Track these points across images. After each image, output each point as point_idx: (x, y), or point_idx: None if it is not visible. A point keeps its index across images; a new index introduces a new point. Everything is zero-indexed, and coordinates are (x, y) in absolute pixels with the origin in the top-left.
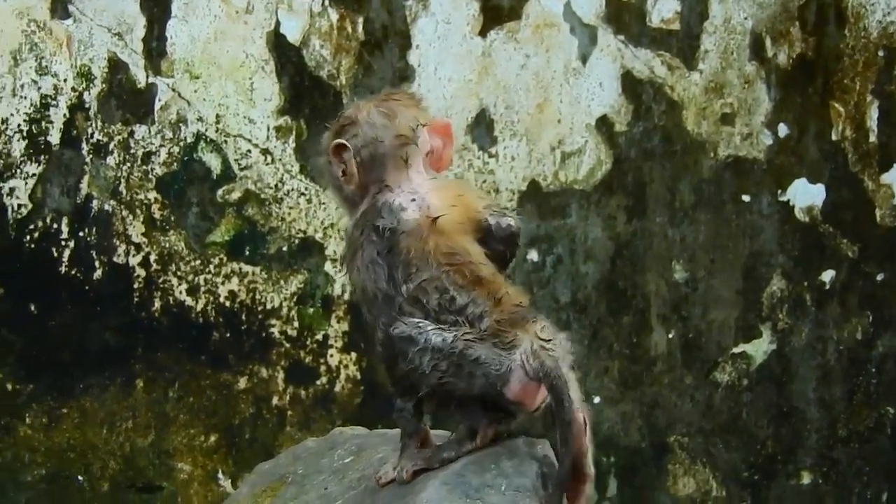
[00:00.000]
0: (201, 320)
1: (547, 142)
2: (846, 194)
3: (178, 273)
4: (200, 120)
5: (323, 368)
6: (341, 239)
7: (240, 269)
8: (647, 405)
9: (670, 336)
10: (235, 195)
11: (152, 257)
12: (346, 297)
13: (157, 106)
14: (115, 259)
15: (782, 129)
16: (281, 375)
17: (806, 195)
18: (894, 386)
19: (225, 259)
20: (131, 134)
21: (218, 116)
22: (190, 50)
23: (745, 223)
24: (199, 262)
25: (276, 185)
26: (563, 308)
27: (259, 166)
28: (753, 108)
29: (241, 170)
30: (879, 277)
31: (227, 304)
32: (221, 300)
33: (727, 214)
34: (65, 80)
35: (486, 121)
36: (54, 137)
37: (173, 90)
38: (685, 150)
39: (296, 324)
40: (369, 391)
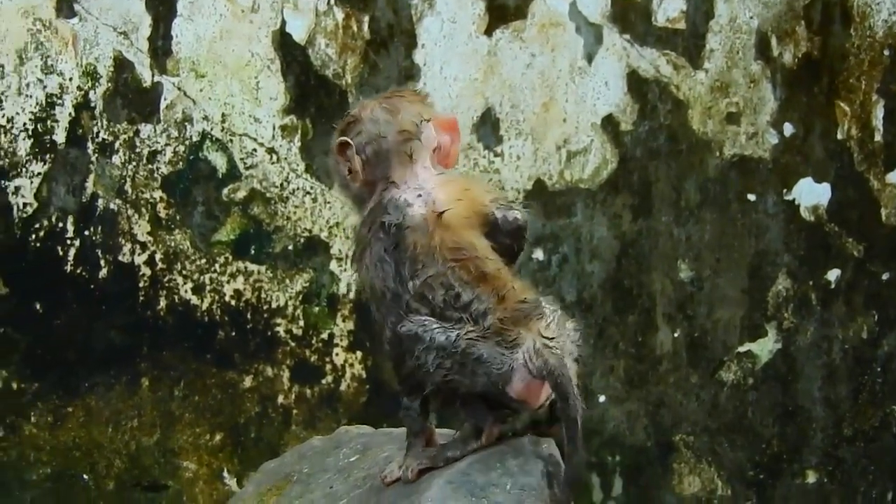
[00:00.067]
0: (207, 319)
1: (552, 141)
2: (852, 193)
3: (184, 272)
4: (206, 119)
5: (328, 367)
6: (347, 238)
7: (245, 268)
8: (653, 404)
9: (676, 335)
10: (241, 194)
11: (158, 256)
12: (352, 295)
13: (163, 105)
14: (121, 258)
15: (788, 129)
16: (286, 374)
17: (811, 194)
18: None
19: (230, 258)
20: (137, 133)
21: (223, 115)
22: (195, 49)
23: (750, 222)
24: (204, 260)
25: (281, 184)
26: (568, 307)
27: (264, 165)
28: (759, 108)
29: (247, 169)
30: (885, 277)
31: (233, 302)
32: (227, 299)
33: (733, 213)
34: (70, 79)
35: (491, 120)
36: (60, 136)
37: (179, 89)
38: (691, 150)
39: (301, 323)
40: (375, 390)
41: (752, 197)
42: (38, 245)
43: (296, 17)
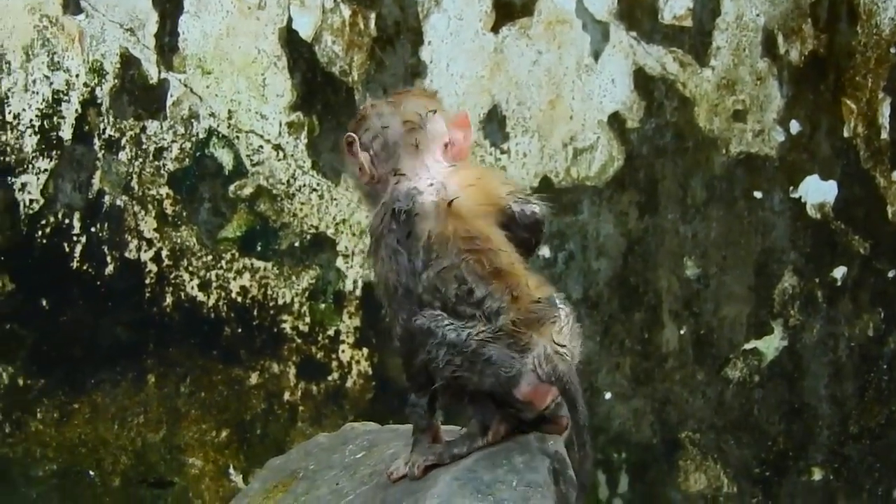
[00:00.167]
0: (213, 316)
1: (559, 138)
2: (858, 191)
3: (190, 268)
4: (212, 115)
5: (335, 364)
6: (353, 235)
7: (251, 265)
8: (659, 401)
9: (682, 332)
10: (247, 191)
11: (164, 253)
12: (358, 292)
13: (169, 101)
14: (127, 254)
15: (794, 126)
16: (292, 371)
17: (818, 192)
18: None
19: (237, 254)
20: (143, 129)
21: (230, 112)
22: (202, 45)
23: (756, 220)
24: (210, 257)
25: (287, 181)
26: (574, 304)
27: (271, 162)
28: (765, 105)
29: (253, 165)
30: (891, 274)
31: (239, 299)
32: (233, 296)
33: (739, 211)
34: (77, 76)
35: (497, 117)
36: (66, 133)
37: (185, 86)
38: (697, 147)
39: (307, 319)
40: (381, 387)
41: (758, 194)
42: (45, 241)
43: (302, 13)
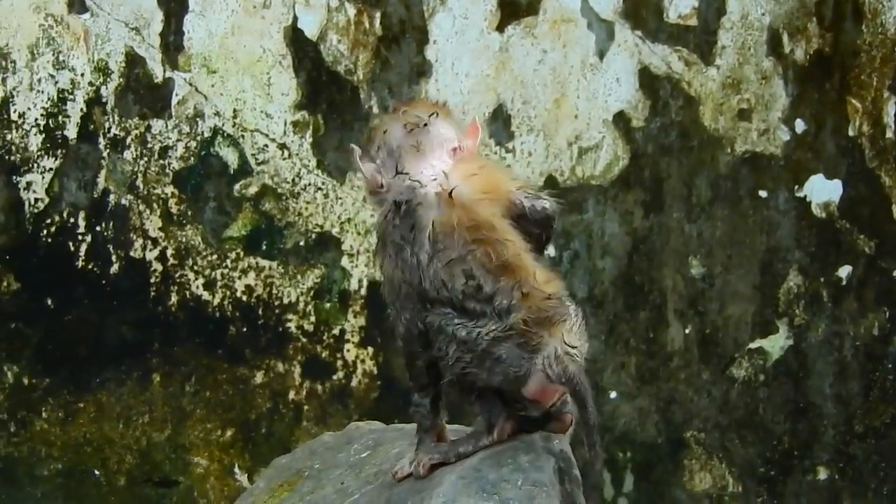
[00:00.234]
0: (218, 315)
1: (564, 137)
2: (863, 190)
3: (195, 268)
4: (217, 115)
5: (339, 363)
6: (358, 234)
7: (256, 264)
8: (664, 400)
9: (687, 331)
10: (252, 190)
11: (169, 252)
12: (363, 291)
13: (174, 100)
14: (132, 253)
15: (799, 125)
16: (297, 370)
17: (823, 191)
18: None
19: (242, 254)
20: (148, 128)
21: (235, 111)
22: (207, 45)
23: (761, 219)
24: (215, 256)
25: (293, 180)
26: (579, 303)
27: (276, 161)
28: (770, 104)
29: (258, 164)
30: None
31: (244, 298)
32: (238, 295)
33: (744, 210)
34: (82, 75)
35: (503, 116)
36: (71, 132)
37: (190, 85)
38: (702, 146)
39: (312, 318)
40: (386, 386)
41: (763, 193)
42: (50, 240)
43: (307, 12)
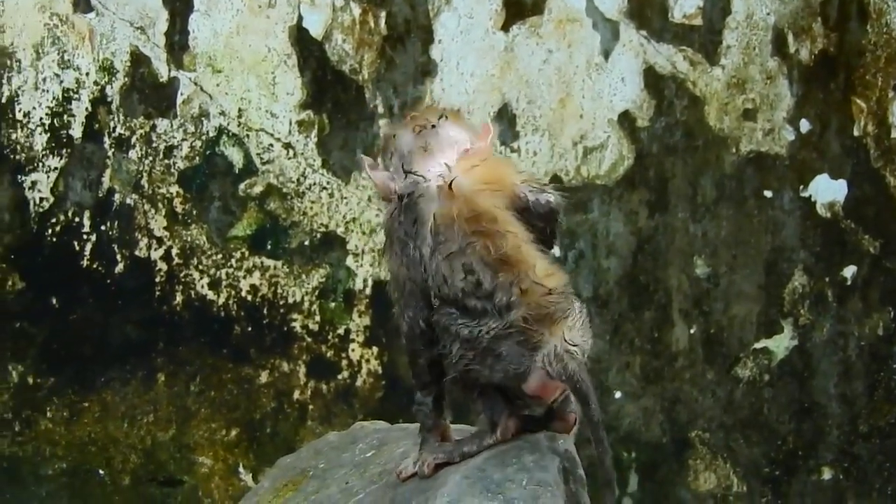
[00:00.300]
0: (223, 314)
1: (569, 137)
2: (868, 190)
3: (200, 267)
4: (222, 114)
5: (344, 363)
6: (363, 233)
7: (261, 264)
8: (669, 400)
9: (692, 331)
10: (257, 189)
11: (174, 251)
12: (368, 291)
13: (180, 100)
14: (137, 253)
15: (804, 125)
16: (302, 370)
17: (828, 191)
18: None
19: (247, 253)
20: (153, 128)
21: (240, 110)
22: (212, 44)
23: (766, 219)
24: (220, 256)
25: (298, 180)
26: (584, 303)
27: (281, 160)
28: (775, 104)
29: (263, 164)
30: None
31: (249, 298)
32: (243, 294)
33: (749, 210)
34: (87, 74)
35: (507, 116)
36: (76, 131)
37: (195, 84)
38: (707, 146)
39: (317, 318)
40: (391, 385)
41: (768, 193)
42: (55, 240)
43: (312, 12)
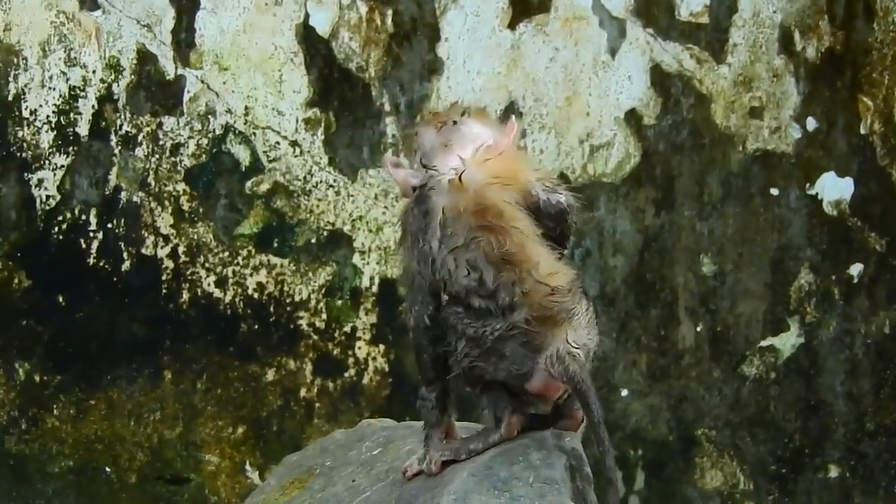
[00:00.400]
0: (229, 312)
1: (575, 135)
2: (874, 188)
3: (207, 265)
4: (229, 112)
5: (351, 361)
6: (370, 231)
7: (268, 261)
8: (675, 398)
9: (698, 329)
10: (264, 187)
11: (181, 249)
12: (375, 289)
13: (186, 98)
14: (144, 251)
15: (811, 123)
16: (309, 367)
17: (834, 189)
18: None
19: (253, 251)
20: (160, 125)
21: (247, 108)
22: (219, 42)
23: (773, 217)
24: (227, 253)
25: (304, 178)
26: (591, 301)
27: (288, 158)
28: (782, 102)
29: (270, 162)
30: None
31: (256, 296)
32: (249, 292)
33: (755, 208)
34: (94, 72)
35: (514, 113)
36: (83, 129)
37: (202, 82)
38: (714, 144)
39: (324, 316)
40: (397, 383)
41: (774, 191)
42: (61, 238)
43: (319, 10)
